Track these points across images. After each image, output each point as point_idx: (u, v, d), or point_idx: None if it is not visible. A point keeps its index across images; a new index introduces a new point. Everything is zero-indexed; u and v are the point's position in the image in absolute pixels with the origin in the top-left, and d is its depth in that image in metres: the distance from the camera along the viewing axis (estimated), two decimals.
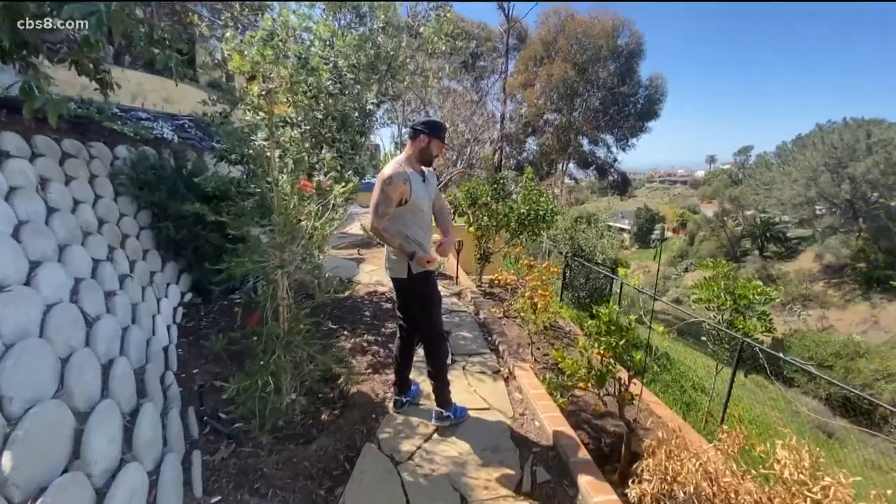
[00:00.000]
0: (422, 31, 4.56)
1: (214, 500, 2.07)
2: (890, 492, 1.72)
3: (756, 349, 4.97)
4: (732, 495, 1.73)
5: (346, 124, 4.12)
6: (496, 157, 19.88)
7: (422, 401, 3.01)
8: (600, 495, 2.09)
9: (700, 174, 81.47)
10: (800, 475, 1.67)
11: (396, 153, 12.52)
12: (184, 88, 7.96)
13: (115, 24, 2.52)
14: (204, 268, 3.95)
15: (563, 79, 24.95)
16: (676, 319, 13.95)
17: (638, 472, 1.87)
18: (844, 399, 12.37)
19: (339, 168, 4.05)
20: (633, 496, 1.86)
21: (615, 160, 30.10)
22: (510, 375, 3.50)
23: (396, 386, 2.91)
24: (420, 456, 2.45)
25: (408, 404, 2.93)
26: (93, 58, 3.44)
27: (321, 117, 4.05)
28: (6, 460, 1.44)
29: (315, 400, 2.90)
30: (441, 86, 15.11)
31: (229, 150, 4.09)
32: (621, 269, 6.00)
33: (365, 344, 3.84)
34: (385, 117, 5.31)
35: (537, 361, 4.09)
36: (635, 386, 3.15)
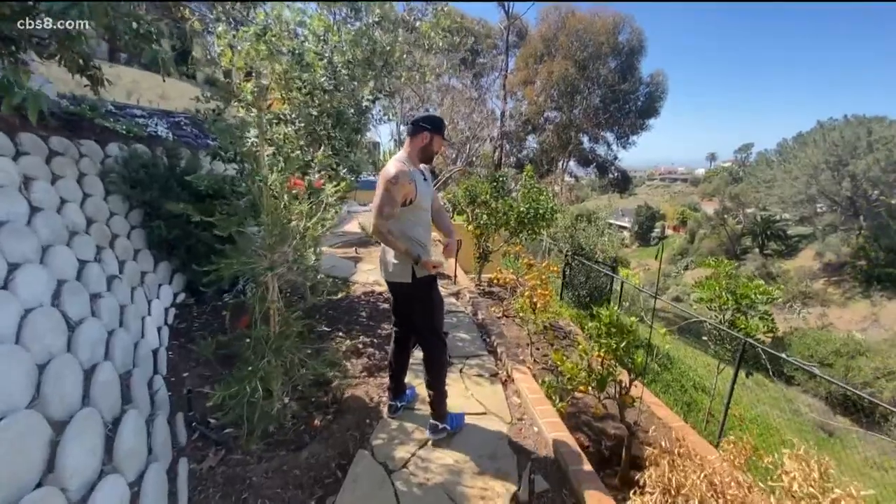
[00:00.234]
0: (418, 26, 4.47)
1: None
2: None
3: (758, 349, 4.89)
4: None
5: (342, 121, 4.03)
6: (496, 155, 19.80)
7: (417, 405, 2.93)
8: None
9: (700, 172, 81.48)
10: (809, 487, 1.60)
11: (396, 151, 12.46)
12: (180, 85, 7.85)
13: (97, 18, 2.43)
14: (199, 268, 3.86)
15: (564, 76, 24.78)
16: (677, 318, 13.89)
17: (640, 484, 1.79)
18: (845, 397, 12.32)
19: (335, 166, 3.96)
20: None
21: (616, 158, 29.94)
22: (508, 378, 3.42)
23: (391, 391, 2.82)
24: (415, 464, 2.37)
25: (403, 409, 2.85)
26: (83, 53, 3.36)
27: (316, 114, 3.96)
28: None
29: (308, 404, 2.81)
30: (440, 83, 14.98)
31: (223, 148, 4.00)
32: (622, 270, 5.93)
33: (360, 346, 3.76)
34: (382, 114, 5.21)
35: (536, 362, 4.02)
36: (636, 388, 3.07)
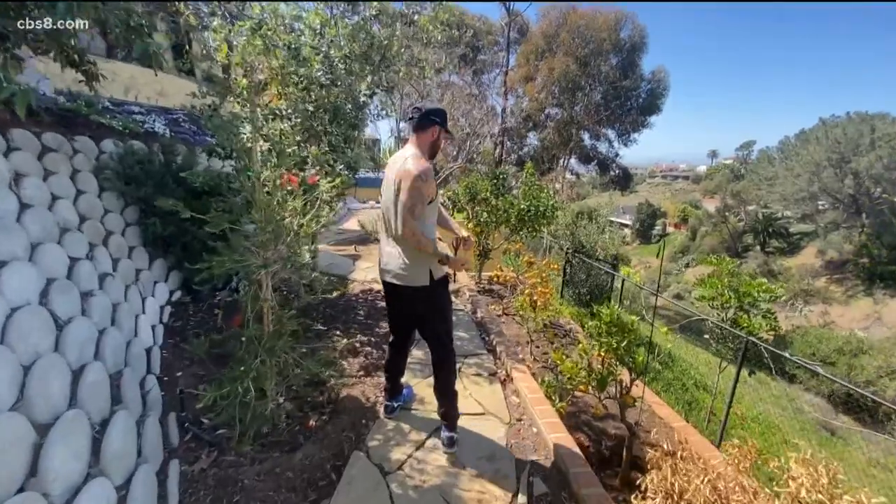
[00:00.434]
0: (416, 20, 4.40)
1: None
2: None
3: (761, 348, 4.83)
4: None
5: (339, 116, 3.97)
6: (497, 152, 19.71)
7: (415, 405, 2.88)
8: None
9: (702, 169, 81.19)
10: (817, 494, 1.54)
11: (397, 148, 12.36)
12: (179, 82, 7.78)
13: (85, 12, 2.38)
14: (193, 265, 3.82)
15: (565, 72, 24.63)
16: (678, 315, 13.82)
17: (641, 488, 1.74)
18: (847, 396, 12.26)
19: (332, 162, 3.90)
20: None
21: (617, 155, 29.79)
22: (507, 378, 3.37)
23: (387, 391, 2.76)
24: (410, 465, 2.32)
25: (399, 409, 2.80)
26: (76, 48, 3.31)
27: (312, 109, 3.89)
28: None
29: (303, 404, 2.76)
30: (440, 79, 14.88)
31: (220, 145, 3.95)
32: (624, 268, 5.87)
33: (357, 345, 3.70)
34: (380, 109, 5.14)
35: (536, 360, 3.96)
36: (637, 388, 3.02)
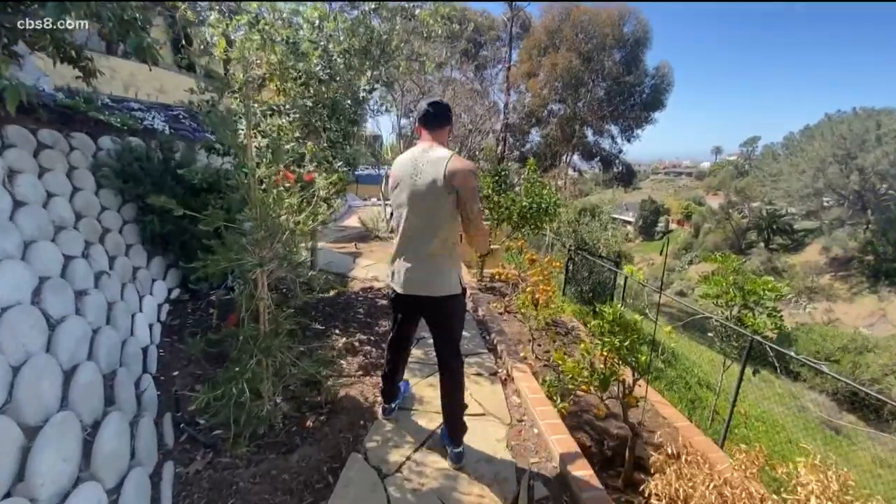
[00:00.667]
0: (417, 14, 4.33)
1: None
2: None
3: (766, 347, 4.78)
4: None
5: (338, 112, 3.92)
6: (499, 149, 19.60)
7: (414, 406, 2.84)
8: None
9: (706, 165, 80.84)
10: (828, 502, 1.49)
11: (399, 144, 12.24)
12: (179, 78, 7.74)
13: (78, 8, 2.34)
14: (189, 263, 3.79)
15: (568, 68, 24.43)
16: (680, 312, 13.74)
17: (645, 494, 1.69)
18: (852, 394, 12.17)
19: (330, 159, 3.85)
20: None
21: (620, 151, 29.58)
22: (508, 378, 3.32)
23: (385, 395, 2.67)
24: (409, 468, 2.28)
25: (397, 409, 2.75)
26: (73, 44, 3.28)
27: (311, 105, 3.84)
28: None
29: (300, 405, 2.72)
30: (441, 75, 14.78)
31: (219, 141, 3.90)
32: (627, 266, 5.79)
33: (357, 343, 3.66)
34: (379, 104, 5.08)
35: (538, 359, 3.91)
36: (640, 388, 2.97)
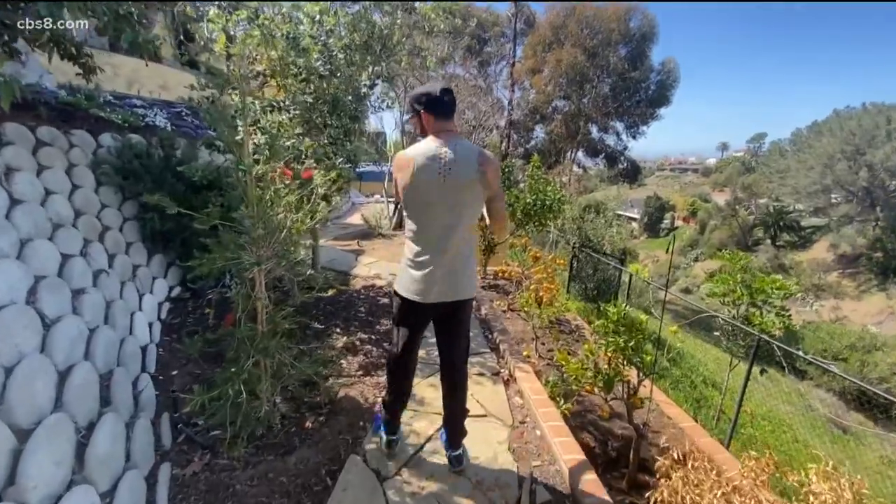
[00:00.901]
0: (418, 8, 4.27)
1: None
2: None
3: (774, 346, 4.70)
4: None
5: (338, 108, 3.87)
6: (503, 145, 19.48)
7: (415, 406, 2.79)
8: None
9: (712, 162, 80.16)
10: None
11: (403, 140, 12.14)
12: (181, 75, 7.72)
13: (72, 9, 2.31)
14: (187, 262, 3.77)
15: (573, 64, 24.20)
16: (686, 310, 13.63)
17: (650, 502, 1.64)
18: (860, 393, 12.03)
19: (330, 155, 3.80)
20: None
21: (625, 148, 29.27)
22: (510, 378, 3.27)
23: (388, 424, 2.32)
24: (409, 471, 2.24)
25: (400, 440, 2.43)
26: (74, 42, 3.25)
27: (311, 101, 3.79)
28: None
29: (299, 405, 2.69)
30: (445, 71, 14.68)
31: (219, 137, 3.87)
32: (632, 265, 5.72)
33: (357, 342, 3.62)
34: (381, 100, 5.02)
35: (542, 357, 3.86)
36: (645, 388, 2.92)
